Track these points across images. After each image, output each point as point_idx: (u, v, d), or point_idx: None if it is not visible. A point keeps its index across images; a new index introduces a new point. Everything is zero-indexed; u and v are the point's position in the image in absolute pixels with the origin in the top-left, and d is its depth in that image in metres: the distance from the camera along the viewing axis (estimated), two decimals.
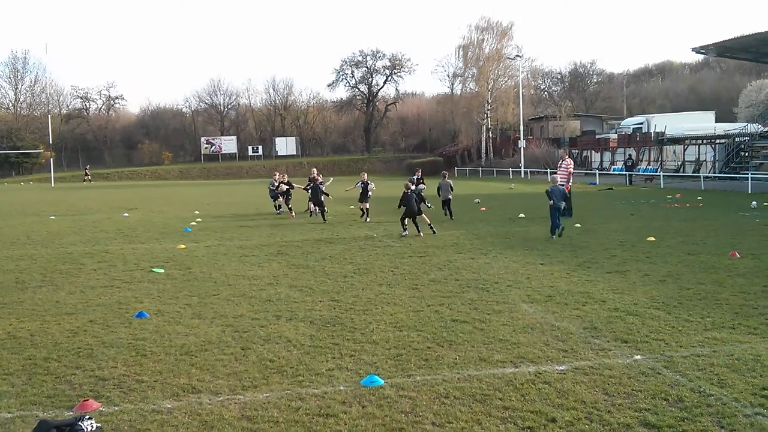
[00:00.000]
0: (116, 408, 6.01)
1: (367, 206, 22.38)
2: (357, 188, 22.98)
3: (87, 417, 5.61)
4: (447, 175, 23.31)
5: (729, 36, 43.75)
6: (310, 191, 23.41)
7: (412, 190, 18.71)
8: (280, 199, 25.10)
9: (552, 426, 5.48)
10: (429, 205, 19.62)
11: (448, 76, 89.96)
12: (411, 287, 11.15)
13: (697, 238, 16.72)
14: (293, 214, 24.20)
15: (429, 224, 18.54)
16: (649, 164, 55.66)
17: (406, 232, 18.03)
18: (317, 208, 22.92)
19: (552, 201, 17.50)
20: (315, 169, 24.94)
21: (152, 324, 8.95)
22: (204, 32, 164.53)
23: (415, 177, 24.78)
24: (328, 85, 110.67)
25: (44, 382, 6.70)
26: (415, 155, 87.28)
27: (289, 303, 10.13)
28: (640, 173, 50.63)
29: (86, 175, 74.49)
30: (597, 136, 69.21)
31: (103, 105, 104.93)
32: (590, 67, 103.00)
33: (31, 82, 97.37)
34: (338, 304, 9.96)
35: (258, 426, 5.61)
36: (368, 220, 21.93)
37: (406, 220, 18.38)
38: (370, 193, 22.54)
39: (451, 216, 22.22)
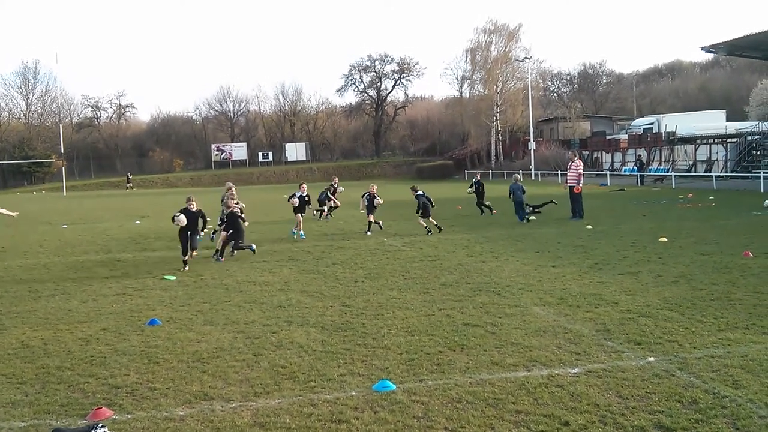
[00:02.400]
0: (129, 416, 6.02)
1: (372, 219, 20.56)
2: (363, 201, 21.20)
3: (100, 425, 5.63)
4: (519, 179, 23.84)
5: (739, 34, 43.46)
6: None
7: (419, 193, 19.78)
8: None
9: (565, 430, 5.45)
10: (434, 205, 20.31)
11: (457, 79, 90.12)
12: (422, 291, 11.13)
13: (710, 238, 16.62)
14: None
15: (436, 225, 19.71)
16: (660, 164, 55.40)
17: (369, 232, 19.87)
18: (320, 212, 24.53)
19: (510, 196, 21.46)
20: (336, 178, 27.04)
21: (164, 331, 8.98)
22: (213, 40, 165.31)
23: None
24: (337, 90, 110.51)
25: (57, 391, 6.72)
26: (424, 159, 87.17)
27: (301, 308, 10.13)
28: (651, 173, 50.40)
29: (128, 181, 74.02)
30: (607, 137, 68.97)
31: (113, 113, 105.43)
32: (599, 67, 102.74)
33: (42, 91, 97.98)
34: (349, 309, 9.95)
35: None
36: (369, 233, 19.95)
37: (421, 220, 19.70)
38: (376, 206, 21.33)
39: (527, 219, 22.42)
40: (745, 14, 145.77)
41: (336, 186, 26.90)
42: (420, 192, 19.93)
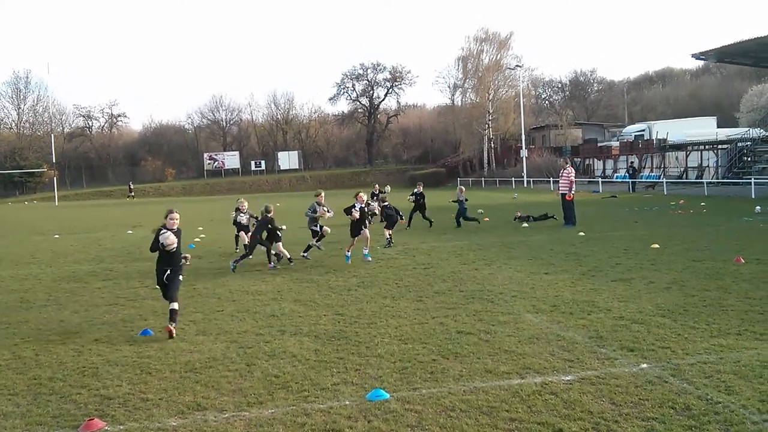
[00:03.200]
0: (121, 427, 5.99)
1: (368, 234, 17.81)
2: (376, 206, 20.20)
3: None
4: (462, 190, 24.71)
5: (729, 41, 43.80)
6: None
7: (386, 204, 19.93)
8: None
9: None
10: (401, 217, 20.09)
11: (449, 87, 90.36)
12: (415, 299, 11.13)
13: (702, 244, 16.68)
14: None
15: (389, 237, 18.97)
16: (651, 171, 55.64)
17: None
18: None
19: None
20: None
21: (157, 341, 8.94)
22: (205, 49, 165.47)
23: (415, 191, 24.92)
24: (330, 99, 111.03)
25: (49, 402, 6.68)
26: (417, 167, 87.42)
27: (294, 318, 10.11)
28: (642, 180, 50.60)
29: (130, 191, 74.74)
30: (599, 144, 69.34)
31: (105, 123, 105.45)
32: (591, 75, 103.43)
33: (33, 101, 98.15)
34: (342, 318, 9.94)
35: None
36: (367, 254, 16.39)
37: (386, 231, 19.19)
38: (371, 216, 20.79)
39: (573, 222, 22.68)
40: (735, 22, 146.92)
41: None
42: (386, 203, 20.19)
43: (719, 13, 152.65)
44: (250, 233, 16.42)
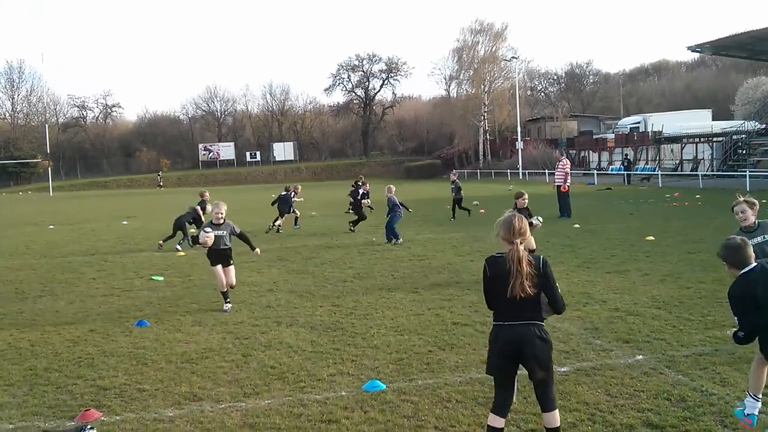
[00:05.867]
0: (118, 417, 5.99)
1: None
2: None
3: (89, 427, 5.61)
4: (392, 189, 24.70)
5: (724, 34, 43.84)
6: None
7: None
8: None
9: None
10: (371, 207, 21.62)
11: (445, 78, 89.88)
12: (411, 291, 11.14)
13: (696, 236, 16.73)
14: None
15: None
16: (647, 163, 55.72)
17: None
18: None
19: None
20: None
21: (152, 332, 8.94)
22: (200, 39, 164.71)
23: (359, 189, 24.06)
24: (325, 90, 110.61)
25: (45, 393, 6.68)
26: (412, 158, 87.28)
27: (290, 309, 10.12)
28: (637, 173, 50.66)
29: (159, 180, 76.19)
30: (594, 136, 69.34)
31: (100, 113, 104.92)
32: (586, 67, 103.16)
33: (27, 91, 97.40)
34: (339, 309, 9.94)
35: None
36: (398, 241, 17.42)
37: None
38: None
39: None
40: (731, 14, 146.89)
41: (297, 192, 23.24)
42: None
43: (715, 6, 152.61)
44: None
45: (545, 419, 4.83)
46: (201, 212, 18.34)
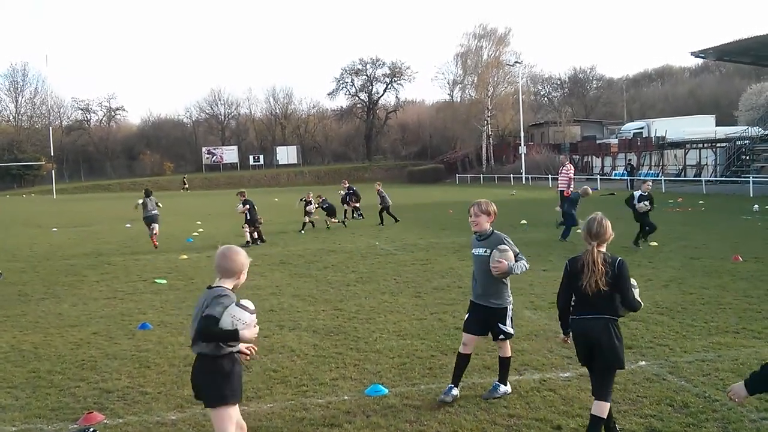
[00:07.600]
0: (120, 420, 6.00)
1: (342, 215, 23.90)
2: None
3: (91, 429, 5.62)
4: (380, 185, 25.70)
5: (728, 40, 43.74)
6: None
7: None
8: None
9: None
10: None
11: (448, 83, 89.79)
12: (414, 295, 11.14)
13: (699, 242, 16.70)
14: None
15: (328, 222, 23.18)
16: (650, 169, 55.63)
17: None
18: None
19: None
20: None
21: (155, 335, 8.95)
22: (204, 43, 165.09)
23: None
24: (329, 94, 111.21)
25: (48, 395, 6.69)
26: (416, 162, 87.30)
27: (292, 313, 10.12)
28: (641, 178, 50.57)
29: (184, 183, 76.24)
30: (598, 142, 69.20)
31: (104, 116, 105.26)
32: (590, 72, 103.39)
33: (31, 94, 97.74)
34: (341, 313, 9.95)
35: None
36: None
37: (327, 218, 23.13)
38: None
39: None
40: (735, 20, 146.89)
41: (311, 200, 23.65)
42: (323, 199, 23.52)
43: (719, 12, 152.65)
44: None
45: (593, 405, 5.10)
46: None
